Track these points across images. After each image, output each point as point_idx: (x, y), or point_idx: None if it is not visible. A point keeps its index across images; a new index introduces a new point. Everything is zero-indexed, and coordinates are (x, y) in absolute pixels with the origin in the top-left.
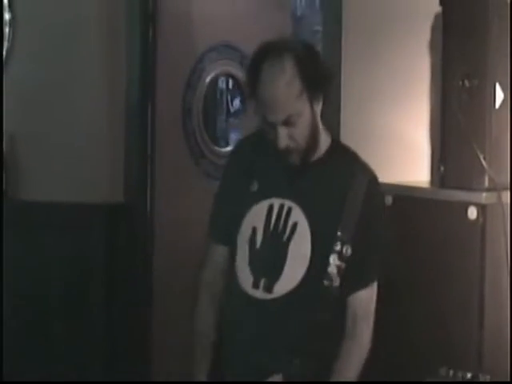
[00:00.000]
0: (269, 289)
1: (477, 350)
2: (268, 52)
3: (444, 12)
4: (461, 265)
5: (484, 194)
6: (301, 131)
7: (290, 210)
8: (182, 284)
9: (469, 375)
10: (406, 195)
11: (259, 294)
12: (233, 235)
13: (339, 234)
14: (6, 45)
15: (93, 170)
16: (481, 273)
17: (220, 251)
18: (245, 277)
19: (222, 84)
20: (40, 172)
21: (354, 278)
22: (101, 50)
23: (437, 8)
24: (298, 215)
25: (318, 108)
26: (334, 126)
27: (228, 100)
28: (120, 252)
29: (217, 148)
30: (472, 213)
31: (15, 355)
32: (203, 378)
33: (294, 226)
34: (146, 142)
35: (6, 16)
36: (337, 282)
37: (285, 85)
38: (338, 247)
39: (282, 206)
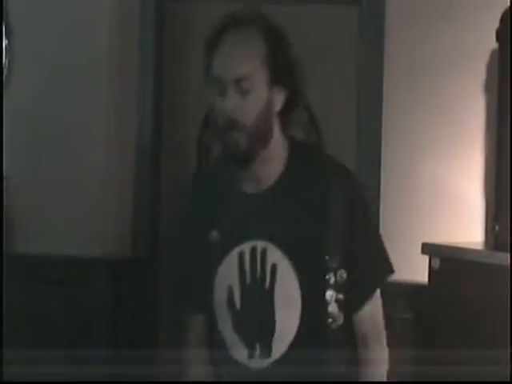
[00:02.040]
0: (266, 354)
1: None
2: (233, 20)
3: (500, 49)
4: None
5: None
6: (251, 106)
7: (264, 252)
8: None
9: None
10: (455, 258)
11: (257, 362)
12: (206, 300)
13: (328, 260)
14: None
15: (98, 221)
16: None
17: (197, 322)
18: (236, 347)
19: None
20: (41, 223)
21: (353, 296)
22: (109, 81)
23: (492, 45)
24: (274, 255)
25: (278, 99)
26: (372, 180)
27: None
28: (124, 311)
29: None
30: None
31: None
32: None
33: (274, 269)
34: (157, 194)
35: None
36: (341, 319)
37: (246, 44)
38: (331, 279)
39: (253, 250)
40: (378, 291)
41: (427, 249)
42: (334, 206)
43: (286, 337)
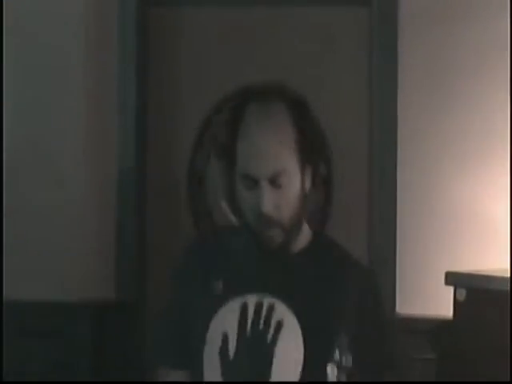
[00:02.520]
0: None
1: None
2: (253, 95)
3: None
4: None
5: None
6: (288, 199)
7: (271, 308)
8: None
9: None
10: (483, 288)
11: None
12: (194, 354)
13: (337, 337)
14: None
15: (79, 263)
16: None
17: (177, 377)
18: None
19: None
20: (18, 267)
21: None
22: (86, 102)
23: None
24: (283, 312)
25: (309, 178)
26: (388, 203)
27: None
28: (109, 357)
29: None
30: None
31: None
32: None
33: (279, 325)
34: (143, 228)
35: None
36: None
37: (277, 131)
38: (336, 356)
39: (260, 304)
40: None
41: (451, 279)
42: (350, 292)
43: None
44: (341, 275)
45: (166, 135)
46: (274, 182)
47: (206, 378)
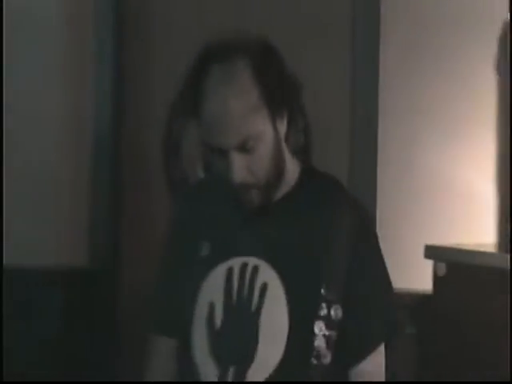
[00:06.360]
0: (240, 379)
1: None
2: (215, 53)
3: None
4: None
5: None
6: (261, 160)
7: (255, 270)
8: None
9: None
10: (463, 262)
11: None
12: (181, 321)
13: (324, 292)
14: None
15: (52, 228)
16: None
17: (165, 343)
18: (207, 369)
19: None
20: None
21: (351, 348)
22: (64, 73)
23: (493, 50)
24: (267, 274)
25: (283, 128)
26: (368, 176)
27: None
28: (80, 323)
29: None
30: None
31: None
32: None
33: (264, 288)
34: (117, 191)
35: None
36: (327, 359)
37: (238, 96)
38: (323, 311)
39: (244, 266)
40: (383, 346)
41: (431, 252)
42: (339, 236)
43: (265, 367)
44: (333, 219)
45: (143, 99)
46: (243, 148)
47: (194, 347)
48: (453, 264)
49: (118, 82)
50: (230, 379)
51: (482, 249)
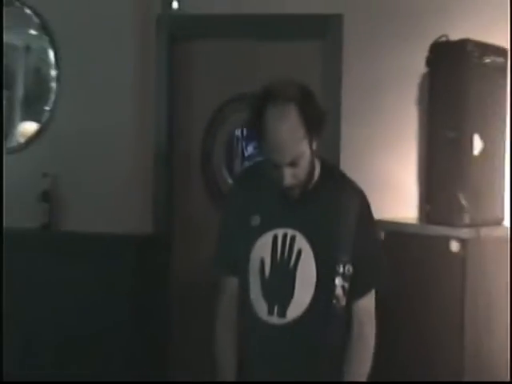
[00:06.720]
0: (282, 314)
1: (459, 354)
2: (271, 97)
3: (430, 73)
4: (445, 289)
5: (464, 230)
6: (302, 170)
7: (293, 239)
8: (198, 303)
9: None
10: (396, 230)
11: (274, 319)
12: (241, 267)
13: (340, 255)
14: (52, 98)
15: (125, 205)
16: (462, 295)
17: (231, 283)
18: (259, 305)
19: (237, 132)
20: (79, 207)
21: (356, 289)
22: (133, 102)
23: (423, 70)
24: (301, 242)
25: (314, 147)
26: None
27: (243, 146)
28: (147, 274)
29: None
30: (454, 246)
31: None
32: None
33: (299, 252)
34: (171, 183)
35: (53, 72)
36: (343, 302)
37: (289, 130)
38: (340, 269)
39: (285, 235)
40: (374, 290)
41: None
42: (349, 215)
43: (300, 305)
44: (344, 203)
45: (189, 124)
46: (292, 164)
47: (250, 289)
48: (389, 231)
49: (172, 112)
50: (275, 314)
51: (408, 221)
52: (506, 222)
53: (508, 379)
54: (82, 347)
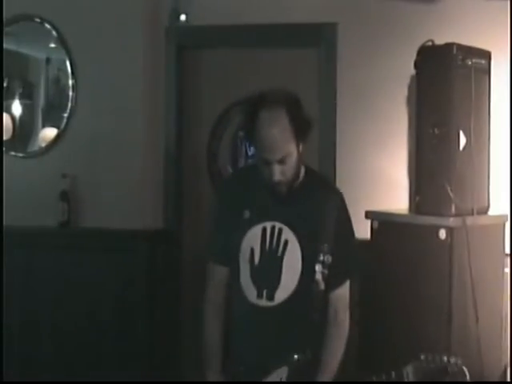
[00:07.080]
0: (270, 297)
1: (446, 340)
2: (264, 102)
3: (417, 74)
4: (434, 275)
5: (451, 219)
6: (290, 168)
7: (280, 231)
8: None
9: (444, 358)
10: (388, 220)
11: (263, 302)
12: (232, 257)
13: (321, 246)
14: (69, 105)
15: (138, 203)
16: (450, 281)
17: (220, 271)
18: (249, 290)
19: (241, 133)
20: (96, 205)
21: (333, 279)
22: (144, 108)
23: (412, 72)
24: (287, 234)
25: (301, 149)
26: (330, 168)
27: (246, 146)
28: (160, 267)
29: None
30: (442, 234)
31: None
32: (214, 377)
33: (286, 243)
34: (180, 182)
35: (70, 82)
36: (322, 286)
37: (279, 132)
38: (321, 257)
39: (273, 228)
40: (348, 281)
41: (369, 215)
42: (329, 210)
43: (287, 289)
44: (325, 201)
45: (196, 127)
46: (281, 161)
47: (242, 277)
48: (382, 222)
49: (180, 116)
50: (264, 297)
51: (399, 212)
52: (491, 211)
53: (508, 380)
54: (98, 339)
